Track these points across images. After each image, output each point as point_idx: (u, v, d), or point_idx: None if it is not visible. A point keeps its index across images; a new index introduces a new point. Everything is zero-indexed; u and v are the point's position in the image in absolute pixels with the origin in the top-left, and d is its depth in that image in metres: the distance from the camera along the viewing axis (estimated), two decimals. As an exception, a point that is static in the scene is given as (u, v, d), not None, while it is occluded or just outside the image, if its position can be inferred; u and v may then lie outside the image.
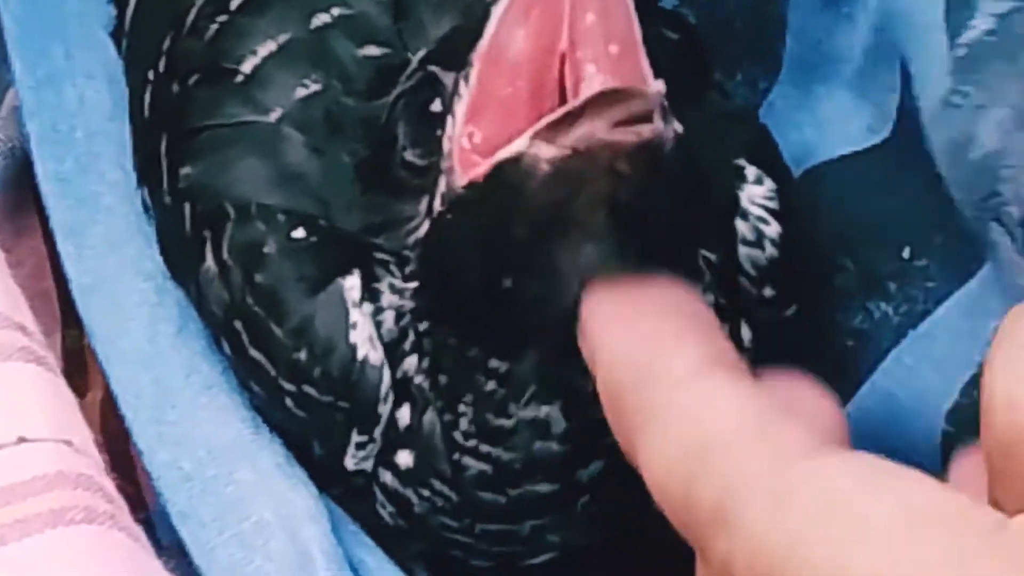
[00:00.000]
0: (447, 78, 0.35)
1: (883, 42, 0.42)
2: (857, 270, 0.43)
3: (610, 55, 0.33)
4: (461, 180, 0.34)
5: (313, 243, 0.39)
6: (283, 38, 0.41)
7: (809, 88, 0.44)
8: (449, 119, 0.35)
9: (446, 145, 0.34)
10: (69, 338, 0.46)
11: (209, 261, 0.40)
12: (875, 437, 0.41)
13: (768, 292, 0.40)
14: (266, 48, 0.41)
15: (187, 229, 0.41)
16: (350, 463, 0.39)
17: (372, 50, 0.40)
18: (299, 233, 0.39)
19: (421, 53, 0.38)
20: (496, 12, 0.33)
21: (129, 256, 0.43)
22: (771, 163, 0.41)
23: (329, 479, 0.40)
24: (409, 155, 0.37)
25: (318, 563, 0.38)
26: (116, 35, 0.46)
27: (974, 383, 0.40)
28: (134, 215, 0.44)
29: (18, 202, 0.47)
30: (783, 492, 0.26)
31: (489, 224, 0.34)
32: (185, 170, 0.41)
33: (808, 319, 0.41)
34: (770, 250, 0.39)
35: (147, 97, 0.43)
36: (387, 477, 0.39)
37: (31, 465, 0.33)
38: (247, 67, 0.41)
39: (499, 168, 0.33)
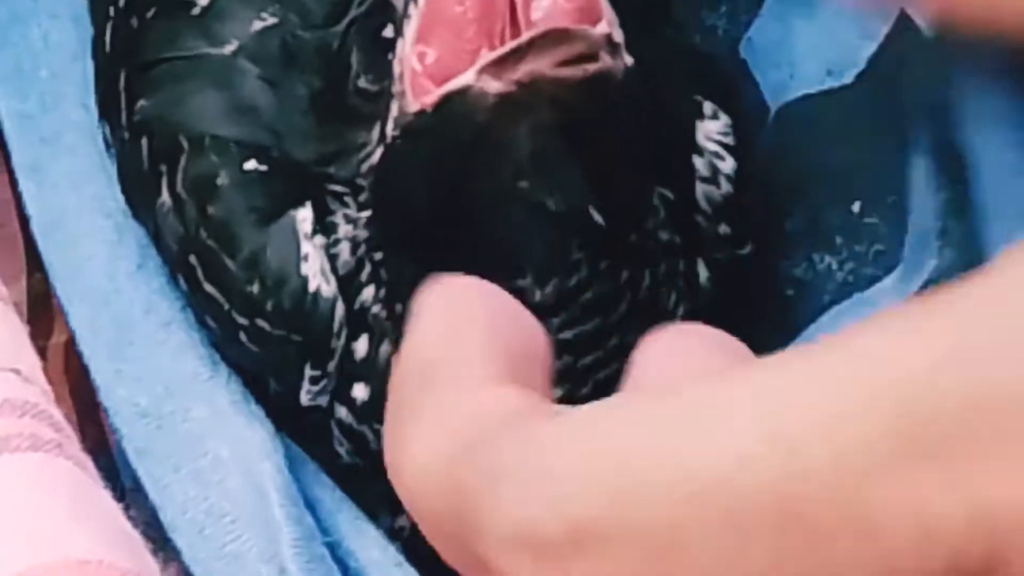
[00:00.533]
0: (398, 1, 0.35)
1: None
2: (806, 218, 0.42)
3: None
4: (412, 106, 0.34)
5: (264, 174, 0.39)
6: None
7: (788, 22, 0.43)
8: (399, 41, 0.35)
9: (396, 68, 0.35)
10: (34, 282, 0.45)
11: (165, 195, 0.40)
12: None
13: (723, 229, 0.39)
14: None
15: (144, 164, 0.41)
16: (305, 398, 0.39)
17: None
18: (251, 164, 0.39)
19: None
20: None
21: (90, 194, 0.43)
22: (727, 98, 0.40)
23: (286, 416, 0.40)
24: (362, 82, 0.37)
25: (272, 499, 0.37)
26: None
27: None
28: (96, 154, 0.43)
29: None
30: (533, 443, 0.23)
31: (438, 151, 0.34)
32: (141, 103, 0.41)
33: (758, 262, 0.41)
34: (725, 186, 0.39)
35: (107, 33, 0.43)
36: (343, 412, 0.39)
37: (-25, 391, 0.33)
38: (203, 0, 0.41)
39: (448, 98, 0.34)
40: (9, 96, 0.44)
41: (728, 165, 0.39)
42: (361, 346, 0.38)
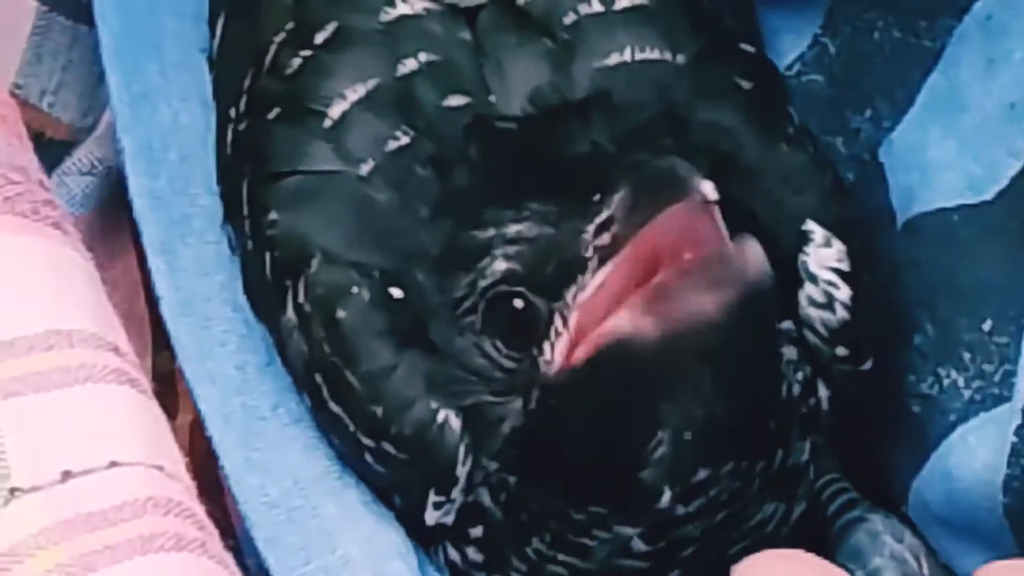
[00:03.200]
0: (537, 301, 0.37)
1: None
2: (936, 333, 0.42)
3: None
4: (550, 360, 0.36)
5: (402, 301, 0.39)
6: (371, 83, 0.40)
7: (928, 132, 0.43)
8: (546, 346, 0.36)
9: (542, 366, 0.37)
10: (159, 361, 0.45)
11: (290, 312, 0.40)
12: (942, 515, 0.40)
13: (841, 351, 0.40)
14: (355, 93, 0.40)
15: (268, 276, 0.40)
16: (430, 519, 0.39)
17: (457, 100, 0.40)
18: (397, 293, 0.39)
19: (501, 226, 0.38)
20: (601, 273, 0.35)
21: (218, 283, 0.43)
22: (842, 223, 0.40)
23: (411, 528, 0.40)
24: (490, 348, 0.38)
25: (404, 598, 0.37)
26: (210, 59, 0.46)
27: (1017, 452, 0.39)
28: (224, 243, 0.43)
29: (113, 223, 0.47)
30: None
31: (598, 405, 0.36)
32: (271, 216, 0.40)
33: (882, 376, 0.41)
34: (841, 313, 0.39)
35: (229, 135, 0.43)
36: (456, 558, 0.40)
37: (122, 490, 0.33)
38: (335, 112, 0.40)
39: (603, 351, 0.35)
40: (139, 173, 0.44)
41: (844, 293, 0.39)
42: (476, 531, 0.39)
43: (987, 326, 0.41)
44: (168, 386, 0.45)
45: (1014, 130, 0.41)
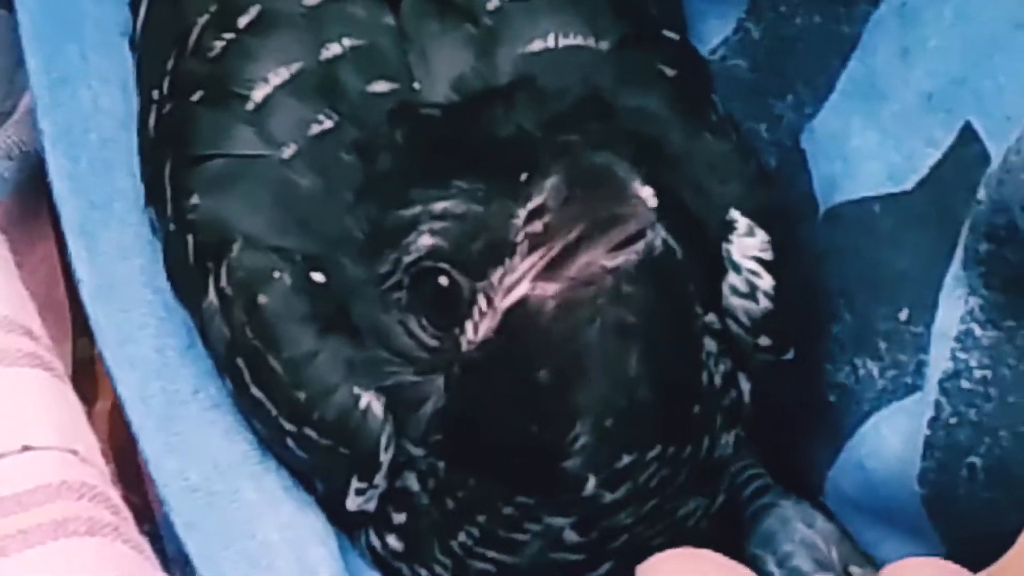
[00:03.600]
0: (460, 279, 0.36)
1: (951, 96, 0.41)
2: (853, 322, 0.42)
3: None
4: (476, 336, 0.36)
5: (324, 285, 0.38)
6: (295, 67, 0.40)
7: (850, 120, 0.43)
8: (469, 325, 0.36)
9: (464, 345, 0.36)
10: (80, 347, 0.45)
11: (211, 295, 0.39)
12: (859, 504, 0.41)
13: (764, 341, 0.40)
14: (278, 76, 0.40)
15: (190, 259, 0.40)
16: (351, 505, 0.39)
17: (381, 86, 0.40)
18: (319, 277, 0.38)
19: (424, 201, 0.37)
20: (532, 259, 0.35)
21: (138, 266, 0.43)
22: (765, 212, 0.40)
23: (333, 513, 0.40)
24: (414, 326, 0.37)
25: (324, 584, 0.37)
26: (132, 43, 0.46)
27: (931, 444, 0.39)
28: (145, 226, 0.43)
29: (32, 208, 0.47)
30: None
31: (510, 379, 0.35)
32: (192, 200, 0.40)
33: (801, 367, 0.41)
34: (764, 302, 0.39)
35: (152, 118, 0.43)
36: (376, 544, 0.39)
37: (35, 474, 0.33)
38: (258, 95, 0.40)
39: (507, 316, 0.35)
40: (59, 156, 0.44)
41: (766, 282, 0.39)
42: (399, 517, 0.39)
43: (903, 315, 0.41)
44: (88, 372, 0.45)
45: (932, 120, 0.41)
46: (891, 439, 0.40)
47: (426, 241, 0.37)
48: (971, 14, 0.41)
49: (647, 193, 0.33)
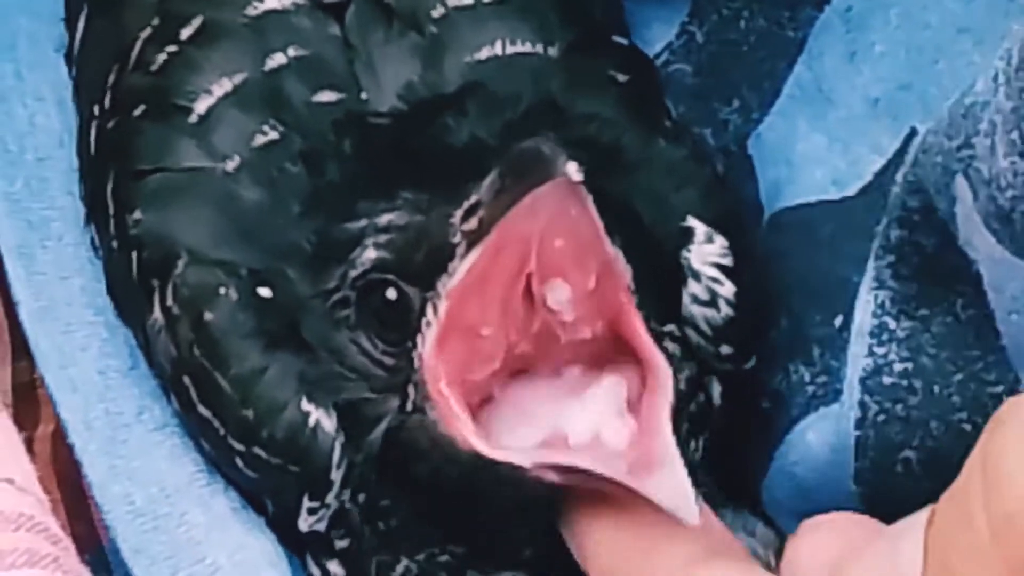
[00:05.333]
0: (409, 291, 0.36)
1: (897, 102, 0.41)
2: (789, 327, 0.41)
3: (577, 262, 0.34)
4: (443, 426, 0.35)
5: (271, 300, 0.38)
6: (238, 78, 0.40)
7: (796, 125, 0.43)
8: (419, 337, 0.35)
9: (419, 365, 0.35)
10: (19, 371, 0.44)
11: (156, 312, 0.39)
12: (797, 511, 0.40)
13: (726, 349, 0.39)
14: (221, 88, 0.39)
15: (134, 276, 0.39)
16: (303, 525, 0.38)
17: (328, 95, 0.39)
18: (265, 292, 0.38)
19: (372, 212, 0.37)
20: (468, 258, 0.34)
21: (78, 286, 0.42)
22: (723, 218, 0.40)
23: (283, 535, 0.39)
24: (365, 343, 0.37)
25: (276, 608, 0.37)
26: (68, 58, 0.45)
27: (862, 444, 0.39)
28: (84, 246, 0.42)
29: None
30: None
31: (469, 483, 0.35)
32: (134, 216, 0.39)
33: (760, 373, 0.41)
34: (725, 310, 0.39)
35: (92, 134, 0.42)
36: (316, 573, 0.39)
37: (-30, 506, 0.32)
38: (201, 107, 0.39)
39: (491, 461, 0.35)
40: (-5, 176, 0.44)
41: (727, 289, 0.39)
42: (341, 543, 0.38)
43: (838, 321, 0.40)
44: (30, 395, 0.44)
45: (878, 126, 0.41)
46: (817, 445, 0.40)
47: (371, 255, 0.36)
48: (916, 19, 0.41)
49: (572, 168, 0.33)
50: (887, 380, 0.38)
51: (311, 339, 0.37)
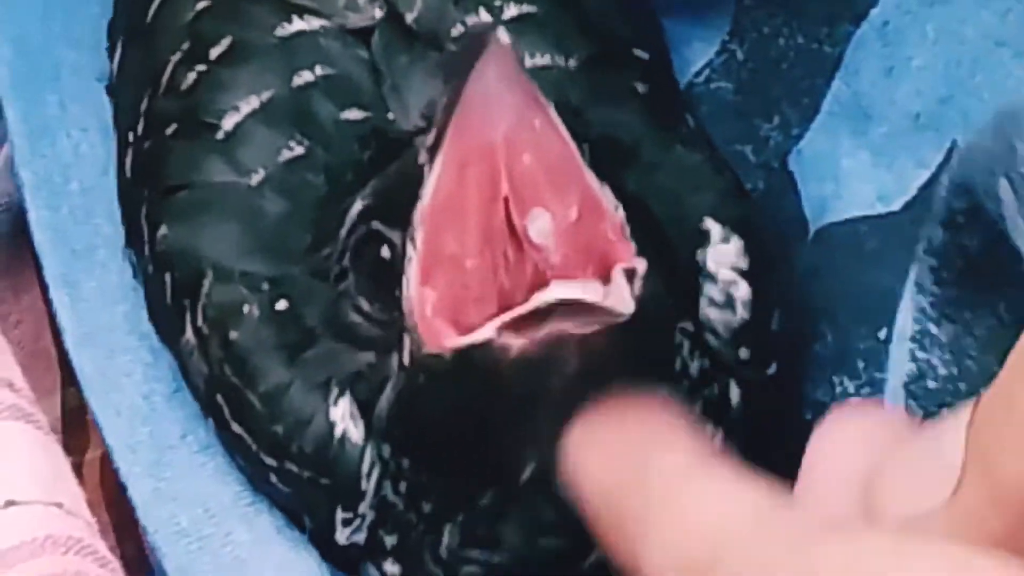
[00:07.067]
0: (393, 235, 0.35)
1: (938, 116, 0.41)
2: (834, 341, 0.41)
3: (553, 186, 0.32)
4: (427, 347, 0.33)
5: (294, 312, 0.38)
6: (266, 95, 0.40)
7: (838, 140, 0.43)
8: (404, 280, 0.34)
9: (405, 304, 0.34)
10: (69, 396, 0.45)
11: (189, 333, 0.39)
12: None
13: (744, 354, 0.38)
14: (248, 105, 0.40)
15: (168, 298, 0.40)
16: (341, 538, 0.38)
17: (354, 113, 0.40)
18: (282, 305, 0.38)
19: (367, 193, 0.37)
20: (432, 175, 0.33)
21: (122, 313, 0.42)
22: (740, 221, 0.39)
23: (325, 550, 0.39)
24: (365, 305, 0.36)
25: (321, 625, 0.37)
26: (109, 90, 0.46)
27: None
28: (128, 272, 0.43)
29: (16, 259, 0.47)
30: (806, 573, 0.25)
31: (461, 397, 0.33)
32: (162, 231, 0.40)
33: (783, 384, 0.40)
34: (741, 312, 0.38)
35: (128, 159, 0.42)
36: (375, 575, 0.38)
37: (20, 530, 0.33)
38: (228, 123, 0.40)
39: (467, 350, 0.32)
40: (40, 207, 0.44)
41: (744, 291, 0.38)
42: (389, 540, 0.37)
43: (883, 334, 0.40)
44: (79, 421, 0.44)
45: (921, 140, 0.41)
46: None
47: (358, 207, 0.36)
48: (953, 33, 0.41)
49: (502, 32, 0.31)
50: (931, 384, 0.38)
51: (321, 328, 0.37)
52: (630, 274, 0.32)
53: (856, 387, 0.40)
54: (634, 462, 0.30)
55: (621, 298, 0.32)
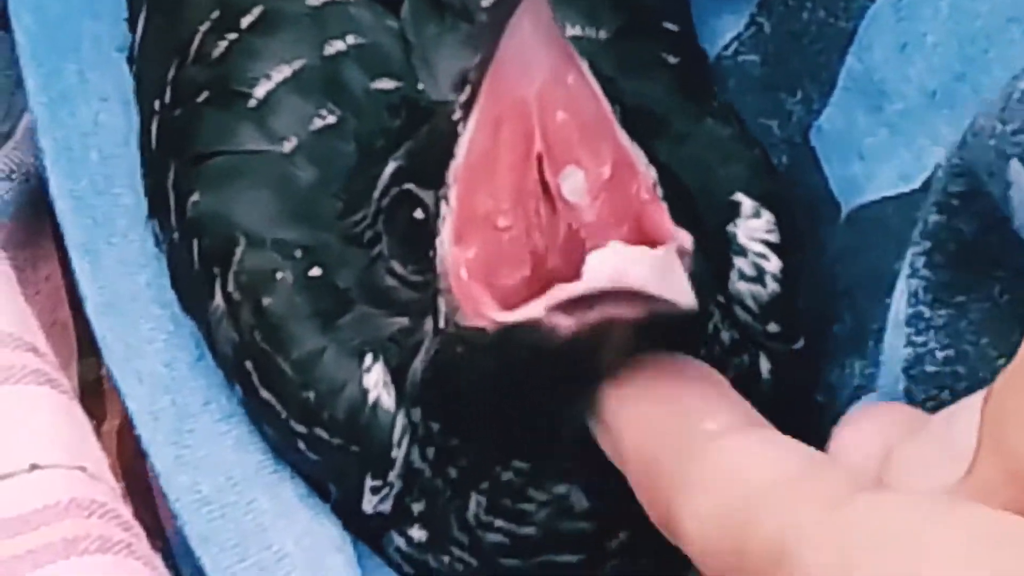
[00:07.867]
0: (426, 196, 0.35)
1: (953, 92, 0.40)
2: (852, 322, 0.41)
3: (586, 144, 0.32)
4: (470, 320, 0.33)
5: (326, 279, 0.38)
6: (297, 64, 0.40)
7: (854, 117, 0.42)
8: (438, 241, 0.34)
9: (439, 266, 0.34)
10: (85, 367, 0.45)
11: (218, 299, 0.39)
12: None
13: (773, 327, 0.38)
14: (280, 73, 0.40)
15: (195, 265, 0.40)
16: (367, 506, 0.38)
17: (385, 83, 0.40)
18: (315, 271, 0.38)
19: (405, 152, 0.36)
20: (466, 132, 0.33)
21: (144, 281, 0.42)
22: (770, 195, 0.39)
23: (348, 519, 0.39)
24: (399, 268, 0.36)
25: (342, 593, 0.37)
26: (130, 59, 0.46)
27: None
28: (149, 241, 0.43)
29: (35, 229, 0.47)
30: (841, 531, 0.26)
31: (503, 370, 0.33)
32: (193, 198, 0.40)
33: (813, 358, 0.40)
34: (772, 286, 0.38)
35: (154, 128, 0.42)
36: (401, 543, 0.38)
37: (44, 493, 0.33)
38: (260, 92, 0.40)
39: (512, 327, 0.32)
40: (60, 175, 0.44)
41: (774, 265, 0.38)
42: (416, 506, 0.37)
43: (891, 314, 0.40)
44: (95, 392, 0.44)
45: (938, 117, 0.41)
46: None
47: (390, 168, 0.36)
48: (966, 9, 0.41)
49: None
50: (930, 368, 0.38)
51: (355, 293, 0.37)
52: (682, 254, 0.32)
53: (861, 368, 0.40)
54: (676, 422, 0.31)
55: (682, 290, 0.32)
